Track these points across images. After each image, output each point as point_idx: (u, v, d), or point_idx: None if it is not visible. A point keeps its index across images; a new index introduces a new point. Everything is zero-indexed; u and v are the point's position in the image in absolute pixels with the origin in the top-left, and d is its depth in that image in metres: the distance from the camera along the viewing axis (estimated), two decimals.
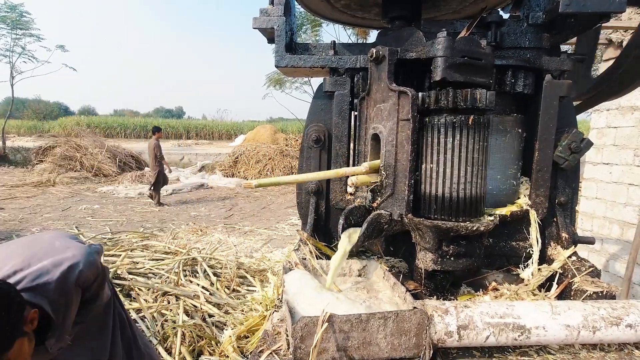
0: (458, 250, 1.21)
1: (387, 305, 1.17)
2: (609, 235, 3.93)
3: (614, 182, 3.90)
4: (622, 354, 1.06)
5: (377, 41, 1.50)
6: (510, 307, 1.04)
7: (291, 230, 7.21)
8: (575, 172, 1.49)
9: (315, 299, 1.07)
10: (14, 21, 15.62)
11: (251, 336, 2.83)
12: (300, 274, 1.22)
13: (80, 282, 1.43)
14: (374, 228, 1.28)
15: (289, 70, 1.60)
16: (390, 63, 1.24)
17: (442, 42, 1.15)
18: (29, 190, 11.10)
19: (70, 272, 1.40)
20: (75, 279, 1.40)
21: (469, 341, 0.99)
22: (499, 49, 1.40)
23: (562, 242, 1.44)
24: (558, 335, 1.01)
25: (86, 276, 1.45)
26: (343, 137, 1.53)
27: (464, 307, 1.02)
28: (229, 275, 4.10)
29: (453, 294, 1.34)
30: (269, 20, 1.49)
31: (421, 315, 0.94)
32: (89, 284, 1.49)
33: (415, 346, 0.94)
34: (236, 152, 15.35)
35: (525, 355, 1.04)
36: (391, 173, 1.25)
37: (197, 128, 37.91)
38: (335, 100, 1.51)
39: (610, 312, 1.04)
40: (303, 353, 0.89)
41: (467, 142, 1.15)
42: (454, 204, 1.17)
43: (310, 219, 1.55)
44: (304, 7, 1.81)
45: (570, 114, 1.48)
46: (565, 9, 1.22)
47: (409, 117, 1.15)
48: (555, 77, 1.38)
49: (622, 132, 3.84)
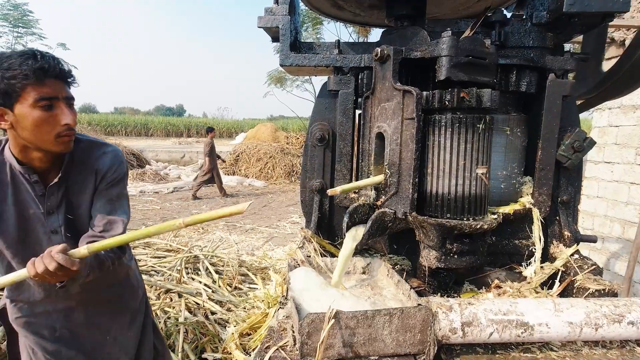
0: (461, 248, 1.23)
1: (391, 302, 1.18)
2: (610, 234, 3.94)
3: (615, 181, 3.91)
4: (624, 351, 1.07)
5: (382, 40, 1.51)
6: (513, 304, 1.05)
7: (292, 228, 7.22)
8: (577, 171, 1.50)
9: (321, 296, 1.08)
10: (16, 19, 15.62)
11: (253, 333, 2.85)
12: (305, 271, 1.23)
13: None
14: (379, 226, 1.29)
15: (294, 69, 1.60)
16: (394, 62, 1.25)
17: (446, 41, 1.16)
18: None
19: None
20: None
21: (472, 338, 1.00)
22: (503, 48, 1.41)
23: (565, 241, 1.45)
24: (561, 332, 1.02)
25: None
26: (347, 136, 1.54)
27: (468, 304, 1.04)
28: (230, 273, 4.12)
29: (456, 292, 1.35)
30: (273, 19, 1.49)
31: (426, 312, 0.95)
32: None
33: (420, 342, 0.96)
34: (237, 150, 15.35)
35: (528, 351, 1.05)
36: (395, 171, 1.26)
37: (197, 126, 37.91)
38: (339, 99, 1.52)
39: (612, 310, 1.05)
40: (310, 349, 0.90)
41: (470, 140, 1.16)
42: (458, 202, 1.18)
43: (314, 217, 1.57)
44: (308, 6, 1.81)
45: (573, 113, 1.49)
46: (569, 9, 1.23)
47: (413, 116, 1.16)
48: (558, 76, 1.39)
49: (624, 131, 3.84)
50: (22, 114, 1.18)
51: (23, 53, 1.19)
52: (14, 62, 1.15)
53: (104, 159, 1.41)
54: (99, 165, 1.39)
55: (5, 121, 1.20)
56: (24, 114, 1.18)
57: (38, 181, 1.32)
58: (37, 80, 1.17)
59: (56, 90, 1.22)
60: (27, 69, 1.15)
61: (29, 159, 1.29)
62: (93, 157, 1.40)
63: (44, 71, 1.18)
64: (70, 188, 1.38)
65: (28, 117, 1.18)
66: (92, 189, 1.40)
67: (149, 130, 35.90)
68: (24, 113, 1.18)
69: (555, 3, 1.31)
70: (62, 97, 1.24)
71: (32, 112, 1.18)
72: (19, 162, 1.28)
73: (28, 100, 1.17)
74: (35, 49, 1.24)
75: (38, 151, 1.27)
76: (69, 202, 1.38)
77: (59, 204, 1.36)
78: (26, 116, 1.18)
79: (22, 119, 1.19)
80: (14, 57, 1.17)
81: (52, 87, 1.20)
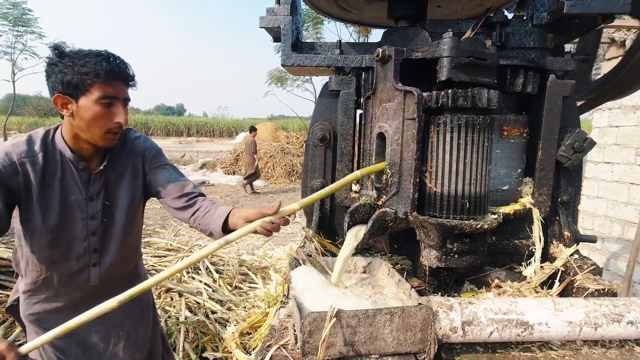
0: (462, 247, 1.23)
1: (392, 301, 1.19)
2: (610, 234, 3.95)
3: (616, 182, 3.92)
4: (623, 350, 1.08)
5: (383, 41, 1.51)
6: (513, 303, 1.05)
7: (293, 228, 7.22)
8: (577, 171, 1.51)
9: (322, 295, 1.09)
10: (16, 18, 15.61)
11: (254, 332, 2.86)
12: (307, 270, 1.23)
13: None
14: (379, 226, 1.29)
15: (295, 69, 1.61)
16: (396, 63, 1.26)
17: (447, 42, 1.17)
18: None
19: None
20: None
21: (473, 337, 1.01)
22: (504, 49, 1.42)
23: (565, 241, 1.46)
24: (560, 331, 1.03)
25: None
26: (348, 136, 1.54)
27: (468, 303, 1.04)
28: (231, 272, 4.13)
29: (456, 291, 1.36)
30: (275, 20, 1.50)
31: (426, 311, 0.96)
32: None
33: (420, 341, 0.96)
34: (237, 149, 15.35)
35: (528, 351, 1.06)
36: (396, 171, 1.26)
37: (198, 125, 37.89)
38: (340, 99, 1.52)
39: (611, 309, 1.06)
40: (311, 347, 0.91)
41: (471, 141, 1.16)
42: (458, 202, 1.19)
43: (315, 217, 1.57)
44: (310, 6, 1.82)
45: (573, 114, 1.49)
46: (570, 10, 1.24)
47: (414, 116, 1.17)
48: (559, 77, 1.40)
49: (624, 131, 3.85)
50: (84, 106, 1.29)
51: (99, 54, 1.31)
52: (90, 60, 1.27)
53: (139, 142, 1.55)
54: (139, 148, 1.53)
55: (67, 109, 1.32)
56: (86, 107, 1.29)
57: (85, 168, 1.41)
58: (105, 80, 1.29)
59: (118, 91, 1.33)
60: (100, 69, 1.27)
61: (78, 147, 1.39)
62: (130, 143, 1.52)
63: (113, 73, 1.30)
64: (111, 176, 1.47)
65: (89, 110, 1.29)
66: (141, 170, 1.53)
67: (149, 129, 35.88)
68: (86, 106, 1.29)
69: (555, 4, 1.32)
70: (121, 97, 1.35)
71: (93, 107, 1.29)
72: (71, 150, 1.38)
73: (93, 96, 1.29)
74: (109, 51, 1.35)
75: (87, 143, 1.38)
76: (107, 189, 1.47)
77: (100, 191, 1.45)
78: (87, 109, 1.29)
79: (83, 110, 1.30)
80: (90, 55, 1.29)
81: (116, 88, 1.32)
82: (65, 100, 1.30)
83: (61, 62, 1.28)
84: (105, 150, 1.44)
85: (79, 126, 1.33)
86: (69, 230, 1.41)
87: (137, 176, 1.52)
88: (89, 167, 1.42)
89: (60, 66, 1.28)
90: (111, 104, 1.32)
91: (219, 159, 16.46)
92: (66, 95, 1.29)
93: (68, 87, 1.28)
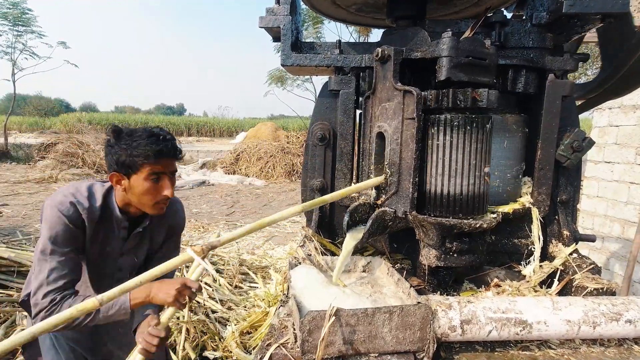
0: (461, 247, 1.24)
1: (391, 300, 1.19)
2: (610, 234, 3.95)
3: (615, 181, 3.92)
4: (622, 349, 1.08)
5: (382, 40, 1.52)
6: (512, 302, 1.06)
7: (292, 228, 7.23)
8: (577, 171, 1.51)
9: (322, 294, 1.09)
10: (15, 18, 15.61)
11: (254, 332, 2.87)
12: (307, 270, 1.24)
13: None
14: (379, 225, 1.30)
15: (295, 69, 1.61)
16: (395, 62, 1.26)
17: (447, 42, 1.17)
18: (31, 187, 11.13)
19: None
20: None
21: (471, 335, 1.01)
22: (503, 48, 1.42)
23: (564, 240, 1.46)
24: (559, 330, 1.03)
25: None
26: (348, 135, 1.55)
27: (467, 302, 1.05)
28: (231, 271, 4.13)
29: (456, 291, 1.36)
30: (275, 20, 1.50)
31: (425, 309, 0.96)
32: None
33: (419, 340, 0.97)
34: (237, 149, 15.35)
35: (527, 349, 1.06)
36: (396, 171, 1.27)
37: (198, 125, 37.87)
38: (340, 99, 1.53)
39: (610, 308, 1.06)
40: (311, 346, 0.91)
41: (470, 140, 1.17)
42: (457, 201, 1.19)
43: (315, 216, 1.58)
44: (309, 6, 1.82)
45: (572, 113, 1.50)
46: (568, 9, 1.24)
47: (413, 116, 1.17)
48: (558, 76, 1.40)
49: (624, 130, 3.85)
50: (135, 183, 1.44)
51: (151, 134, 1.43)
52: (141, 142, 1.40)
53: (177, 216, 1.72)
54: (175, 221, 1.70)
55: (121, 185, 1.47)
56: (137, 183, 1.43)
57: (127, 227, 1.57)
58: (155, 160, 1.41)
59: (166, 166, 1.46)
60: (150, 151, 1.39)
61: (127, 210, 1.54)
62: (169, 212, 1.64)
63: (161, 153, 1.42)
64: (145, 238, 1.64)
65: (139, 186, 1.43)
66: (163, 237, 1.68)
67: None
68: (137, 182, 1.43)
69: (555, 4, 1.32)
70: (169, 171, 1.48)
71: (143, 183, 1.43)
72: (120, 211, 1.53)
73: (143, 174, 1.42)
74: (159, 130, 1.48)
75: (136, 209, 1.53)
76: (140, 248, 1.64)
77: (133, 248, 1.62)
78: (137, 185, 1.43)
79: (134, 186, 1.44)
80: (143, 137, 1.41)
81: (164, 164, 1.45)
82: (119, 178, 1.45)
83: (117, 145, 1.42)
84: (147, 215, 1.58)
85: (131, 198, 1.48)
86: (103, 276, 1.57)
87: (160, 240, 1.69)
88: (130, 227, 1.58)
89: (116, 148, 1.42)
90: (159, 178, 1.45)
91: (219, 158, 16.46)
92: (120, 173, 1.44)
93: (122, 167, 1.42)
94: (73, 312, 1.07)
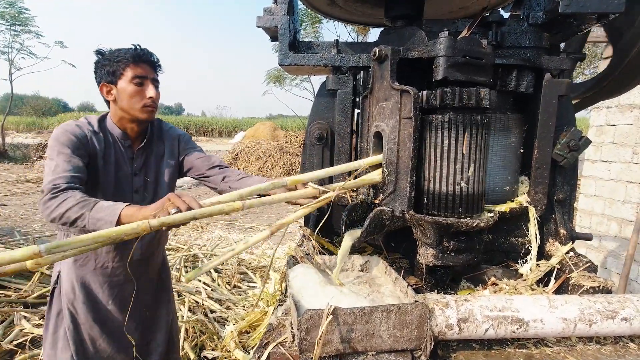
0: (458, 246, 1.24)
1: (389, 298, 1.20)
2: (607, 233, 3.97)
3: (613, 180, 3.93)
4: (618, 346, 1.09)
5: (380, 40, 1.52)
6: (509, 301, 1.06)
7: (291, 227, 7.23)
8: (573, 170, 1.52)
9: (320, 293, 1.09)
10: (13, 17, 15.56)
11: (252, 331, 2.87)
12: (304, 269, 1.24)
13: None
14: (376, 224, 1.30)
15: (292, 69, 1.62)
16: (392, 62, 1.26)
17: (443, 41, 1.17)
18: (29, 187, 11.10)
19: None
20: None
21: (468, 334, 1.02)
22: (500, 48, 1.42)
23: (560, 239, 1.47)
24: (555, 328, 1.04)
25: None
26: (345, 135, 1.55)
27: (464, 300, 1.05)
28: (229, 271, 4.14)
29: (453, 289, 1.37)
30: (272, 19, 1.51)
31: (423, 308, 0.97)
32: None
33: (416, 338, 0.97)
34: (236, 149, 15.33)
35: (523, 347, 1.07)
36: (393, 170, 1.27)
37: (196, 125, 37.85)
38: (337, 98, 1.53)
39: (606, 306, 1.07)
40: (308, 345, 0.91)
41: (469, 140, 1.17)
42: (454, 200, 1.19)
43: (313, 215, 1.58)
44: (306, 4, 1.83)
45: (569, 112, 1.50)
46: (564, 9, 1.24)
47: (410, 115, 1.18)
48: (554, 76, 1.40)
49: (621, 129, 3.86)
50: (122, 88, 1.60)
51: (129, 47, 1.63)
52: (121, 51, 1.61)
53: (173, 130, 1.87)
54: (174, 132, 1.86)
55: (111, 95, 1.63)
56: (123, 88, 1.60)
57: (130, 145, 1.71)
58: (134, 62, 1.60)
59: (146, 71, 1.63)
60: (129, 55, 1.59)
61: (124, 128, 1.69)
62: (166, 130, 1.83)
63: (139, 57, 1.61)
64: (150, 155, 1.77)
65: (125, 90, 1.60)
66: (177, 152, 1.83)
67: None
68: (123, 87, 1.60)
69: (551, 4, 1.32)
70: (150, 77, 1.64)
71: (128, 87, 1.60)
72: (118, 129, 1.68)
73: (127, 77, 1.59)
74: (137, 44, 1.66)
75: (130, 122, 1.67)
76: (149, 167, 1.76)
77: (142, 167, 1.74)
78: (124, 90, 1.60)
79: (122, 92, 1.60)
80: (122, 49, 1.62)
81: (144, 69, 1.62)
82: (108, 88, 1.62)
83: (103, 59, 1.62)
84: (145, 132, 1.74)
85: (121, 107, 1.62)
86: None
87: (174, 157, 1.81)
88: (132, 145, 1.72)
89: (102, 61, 1.61)
90: (142, 83, 1.61)
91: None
92: (108, 82, 1.61)
93: (108, 75, 1.60)
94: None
